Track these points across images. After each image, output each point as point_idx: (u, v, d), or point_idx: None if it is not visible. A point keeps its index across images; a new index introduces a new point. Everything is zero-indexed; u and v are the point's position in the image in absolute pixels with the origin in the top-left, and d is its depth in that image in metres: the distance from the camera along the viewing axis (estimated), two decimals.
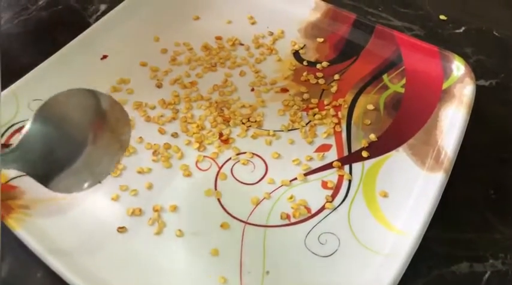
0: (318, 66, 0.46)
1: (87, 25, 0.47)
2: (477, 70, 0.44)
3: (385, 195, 0.37)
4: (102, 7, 0.53)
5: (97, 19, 0.50)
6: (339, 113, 0.43)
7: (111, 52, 0.46)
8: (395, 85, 0.45)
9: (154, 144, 0.40)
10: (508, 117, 0.44)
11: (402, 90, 0.44)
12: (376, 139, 0.41)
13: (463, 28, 0.51)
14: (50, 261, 0.32)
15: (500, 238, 0.37)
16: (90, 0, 0.54)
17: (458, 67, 0.43)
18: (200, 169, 0.39)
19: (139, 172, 0.38)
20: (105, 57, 0.46)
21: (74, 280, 0.31)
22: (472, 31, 0.51)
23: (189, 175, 0.38)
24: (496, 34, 0.51)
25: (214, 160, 0.39)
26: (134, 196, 0.37)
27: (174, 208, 0.36)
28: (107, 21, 0.47)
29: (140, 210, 0.36)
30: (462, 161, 0.38)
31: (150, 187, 0.37)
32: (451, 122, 0.40)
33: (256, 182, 0.38)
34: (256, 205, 0.37)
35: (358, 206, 0.37)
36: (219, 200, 0.37)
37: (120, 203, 0.37)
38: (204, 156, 0.39)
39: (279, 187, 0.38)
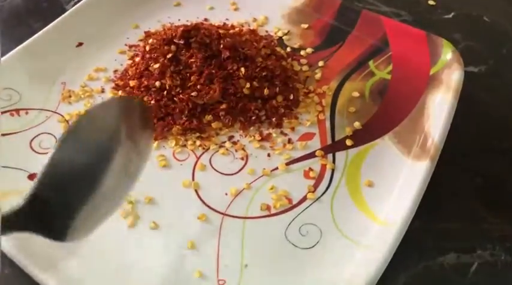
0: (302, 52, 0.45)
1: (64, 12, 0.45)
2: (466, 56, 0.42)
3: (370, 185, 0.36)
4: None
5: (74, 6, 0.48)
6: (323, 101, 0.41)
7: (87, 39, 0.44)
8: (381, 71, 0.43)
9: None
10: (497, 104, 0.42)
11: (388, 77, 0.43)
12: (361, 127, 0.39)
13: (452, 13, 0.50)
14: (18, 258, 0.30)
15: (489, 228, 0.35)
16: None
17: (446, 52, 0.42)
18: (177, 159, 0.37)
19: None
20: (80, 44, 0.44)
21: (43, 278, 0.29)
22: (462, 16, 0.50)
23: (165, 165, 0.37)
24: (486, 19, 0.49)
25: (192, 151, 0.38)
26: None
27: (149, 200, 0.35)
28: (83, 7, 0.45)
29: None
30: (449, 149, 0.37)
31: None
32: (438, 109, 0.39)
33: (236, 173, 0.37)
34: (235, 196, 0.35)
35: (342, 196, 0.36)
36: (196, 191, 0.35)
37: None
38: (182, 146, 0.38)
39: (260, 177, 0.36)
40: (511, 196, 0.37)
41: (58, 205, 0.25)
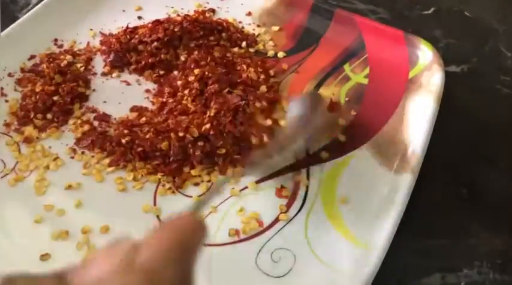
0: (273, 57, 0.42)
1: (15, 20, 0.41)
2: (447, 55, 0.40)
3: (347, 201, 0.33)
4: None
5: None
6: None
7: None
8: (357, 75, 0.40)
9: (86, 155, 0.35)
10: (482, 106, 0.40)
11: (365, 81, 0.40)
12: (341, 138, 0.36)
13: (432, 9, 0.47)
14: None
15: (476, 244, 0.33)
16: None
17: (425, 53, 0.39)
18: (137, 181, 0.34)
19: (67, 189, 0.33)
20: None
21: None
22: (442, 12, 0.47)
23: (124, 189, 0.33)
24: (468, 14, 0.47)
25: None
26: (60, 216, 0.32)
27: (106, 229, 0.32)
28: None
29: (67, 233, 0.31)
30: (431, 157, 0.34)
31: (78, 205, 0.33)
32: (419, 115, 0.36)
33: (202, 194, 0.34)
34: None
35: (317, 215, 0.33)
36: (158, 217, 0.32)
37: (44, 225, 0.32)
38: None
39: (227, 198, 0.33)
40: (499, 206, 0.35)
41: None
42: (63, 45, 0.42)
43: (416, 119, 0.36)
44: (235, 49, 0.41)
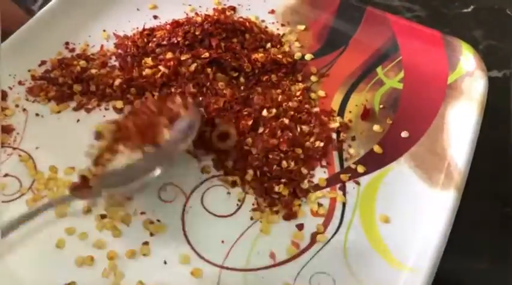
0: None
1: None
2: (488, 58, 0.37)
3: (387, 220, 0.31)
4: None
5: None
6: (331, 122, 0.36)
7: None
8: (391, 79, 0.38)
9: None
10: None
11: (400, 86, 0.38)
12: (378, 150, 0.34)
13: (471, 7, 0.44)
14: None
15: None
16: None
17: (466, 56, 0.36)
18: (163, 200, 0.32)
19: (88, 210, 0.31)
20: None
21: None
22: (482, 10, 0.44)
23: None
24: (510, 13, 0.43)
25: (179, 187, 0.32)
26: (83, 240, 0.30)
27: (132, 254, 0.30)
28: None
29: (92, 259, 0.29)
30: (471, 170, 0.32)
31: (102, 228, 0.31)
32: (461, 124, 0.34)
33: (233, 214, 0.31)
34: (233, 244, 0.30)
35: (356, 236, 0.31)
36: (186, 236, 0.30)
37: (67, 250, 0.30)
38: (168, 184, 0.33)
39: (259, 219, 0.31)
40: None
41: None
42: (75, 49, 0.39)
43: (458, 129, 0.34)
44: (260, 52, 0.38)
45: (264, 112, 0.35)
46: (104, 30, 0.40)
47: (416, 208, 0.32)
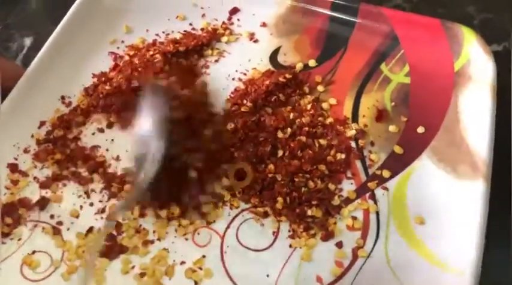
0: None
1: None
2: (485, 33, 0.36)
3: (422, 221, 0.32)
4: (27, 41, 0.44)
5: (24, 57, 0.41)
6: (347, 130, 0.35)
7: None
8: (397, 75, 0.38)
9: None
10: None
11: (407, 80, 0.37)
12: (399, 151, 0.34)
13: None
14: None
15: None
16: (10, 36, 0.43)
17: (469, 41, 0.36)
18: (198, 245, 0.32)
19: (128, 272, 0.31)
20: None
21: None
22: None
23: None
24: None
25: (212, 229, 0.32)
26: None
27: None
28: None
29: None
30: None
31: None
32: (476, 111, 0.34)
33: (271, 245, 0.31)
34: (278, 276, 0.30)
35: (395, 242, 0.31)
36: (230, 278, 0.30)
37: None
38: (200, 227, 0.32)
39: (296, 247, 0.31)
40: None
41: None
42: (71, 103, 0.38)
43: (474, 116, 0.34)
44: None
45: (279, 134, 0.35)
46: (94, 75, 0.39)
47: (448, 203, 0.32)
